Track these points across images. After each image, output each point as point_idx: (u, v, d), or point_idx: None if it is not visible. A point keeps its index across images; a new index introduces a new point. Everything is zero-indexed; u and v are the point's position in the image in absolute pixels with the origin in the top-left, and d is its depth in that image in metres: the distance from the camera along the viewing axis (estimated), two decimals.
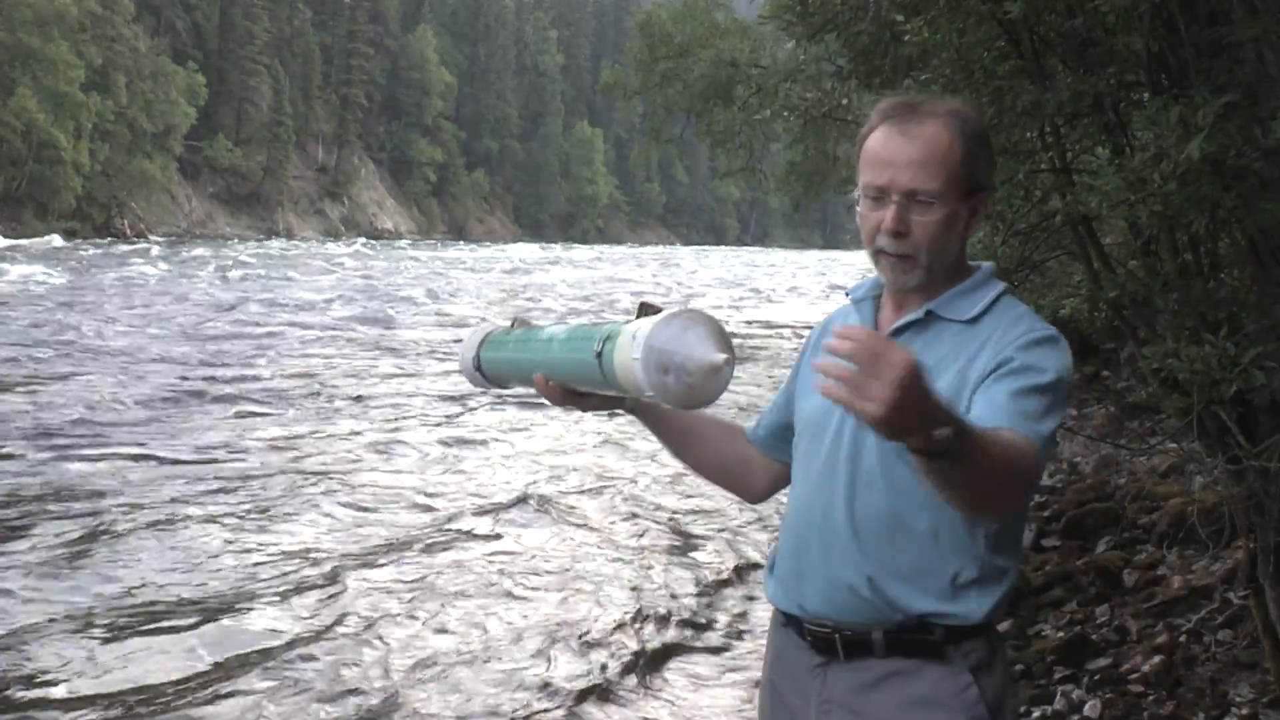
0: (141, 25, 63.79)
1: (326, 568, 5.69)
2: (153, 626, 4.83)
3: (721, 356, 1.44)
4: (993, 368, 1.56)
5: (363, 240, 67.54)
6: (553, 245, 76.14)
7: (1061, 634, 4.38)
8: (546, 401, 1.79)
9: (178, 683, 4.26)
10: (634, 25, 16.07)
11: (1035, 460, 1.47)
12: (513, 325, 1.92)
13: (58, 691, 4.14)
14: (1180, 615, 4.24)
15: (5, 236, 42.25)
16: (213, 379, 12.04)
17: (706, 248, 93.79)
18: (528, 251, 55.87)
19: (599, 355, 1.55)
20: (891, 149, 1.60)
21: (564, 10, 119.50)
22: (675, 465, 7.84)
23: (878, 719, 1.63)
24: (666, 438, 1.92)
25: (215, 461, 8.05)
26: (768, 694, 1.81)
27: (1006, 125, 2.97)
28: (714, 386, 1.50)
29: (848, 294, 1.81)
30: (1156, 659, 3.90)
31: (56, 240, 42.55)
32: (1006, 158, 3.21)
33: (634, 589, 5.58)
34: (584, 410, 1.79)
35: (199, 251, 41.81)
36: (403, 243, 71.56)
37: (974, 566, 1.61)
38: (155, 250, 41.27)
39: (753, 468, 1.91)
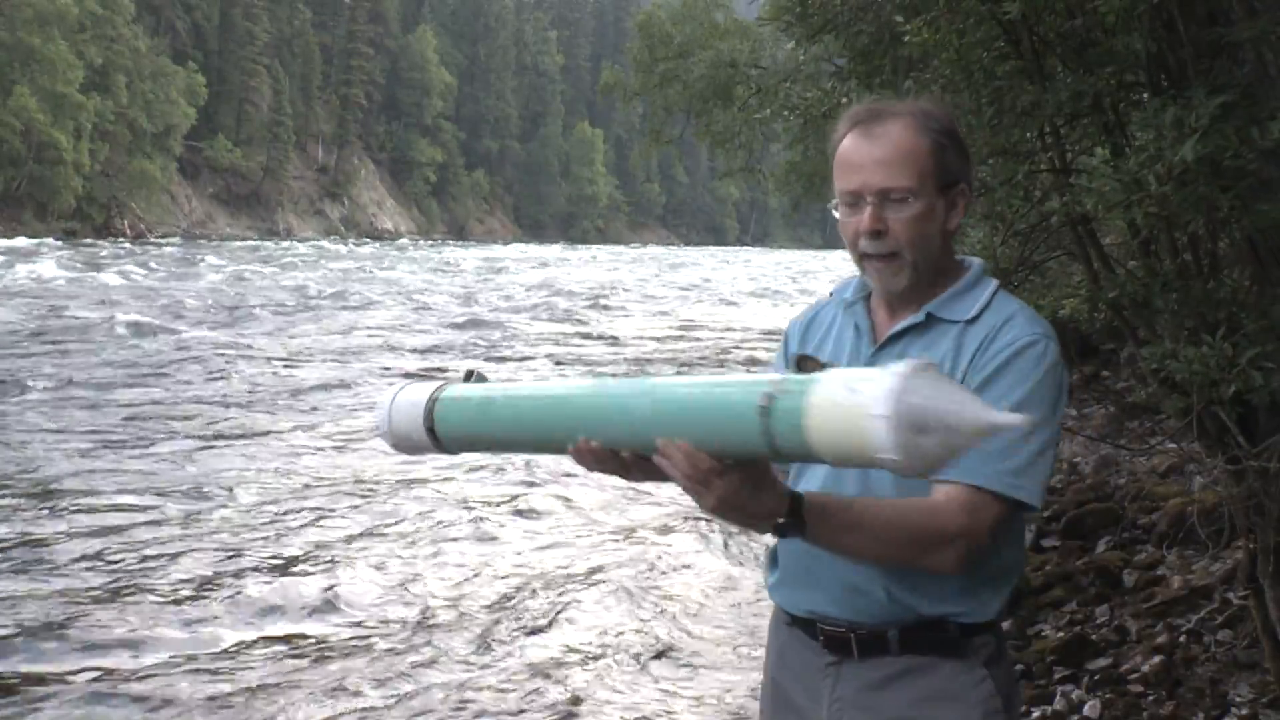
0: (141, 25, 63.82)
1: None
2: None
3: (1011, 419, 1.22)
4: (971, 383, 1.58)
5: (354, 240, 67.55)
6: (553, 245, 76.28)
7: (1061, 634, 4.37)
8: (579, 467, 1.51)
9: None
10: (634, 25, 16.08)
11: (972, 511, 1.51)
12: (469, 378, 1.69)
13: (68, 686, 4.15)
14: (1180, 615, 4.24)
15: (5, 237, 42.23)
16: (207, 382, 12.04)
17: (707, 248, 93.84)
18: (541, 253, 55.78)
19: (765, 410, 1.28)
20: (860, 153, 1.62)
21: (564, 10, 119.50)
22: None
23: (894, 715, 1.64)
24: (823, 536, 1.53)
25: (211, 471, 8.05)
26: (770, 694, 1.81)
27: (1006, 125, 2.97)
28: (963, 452, 1.26)
29: (833, 294, 1.80)
30: (1156, 659, 3.90)
31: (54, 241, 42.54)
32: (1006, 158, 3.21)
33: (636, 590, 5.58)
34: (630, 479, 1.50)
35: (198, 252, 41.81)
36: (403, 242, 71.55)
37: (987, 566, 1.62)
38: (154, 250, 41.27)
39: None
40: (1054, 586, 4.91)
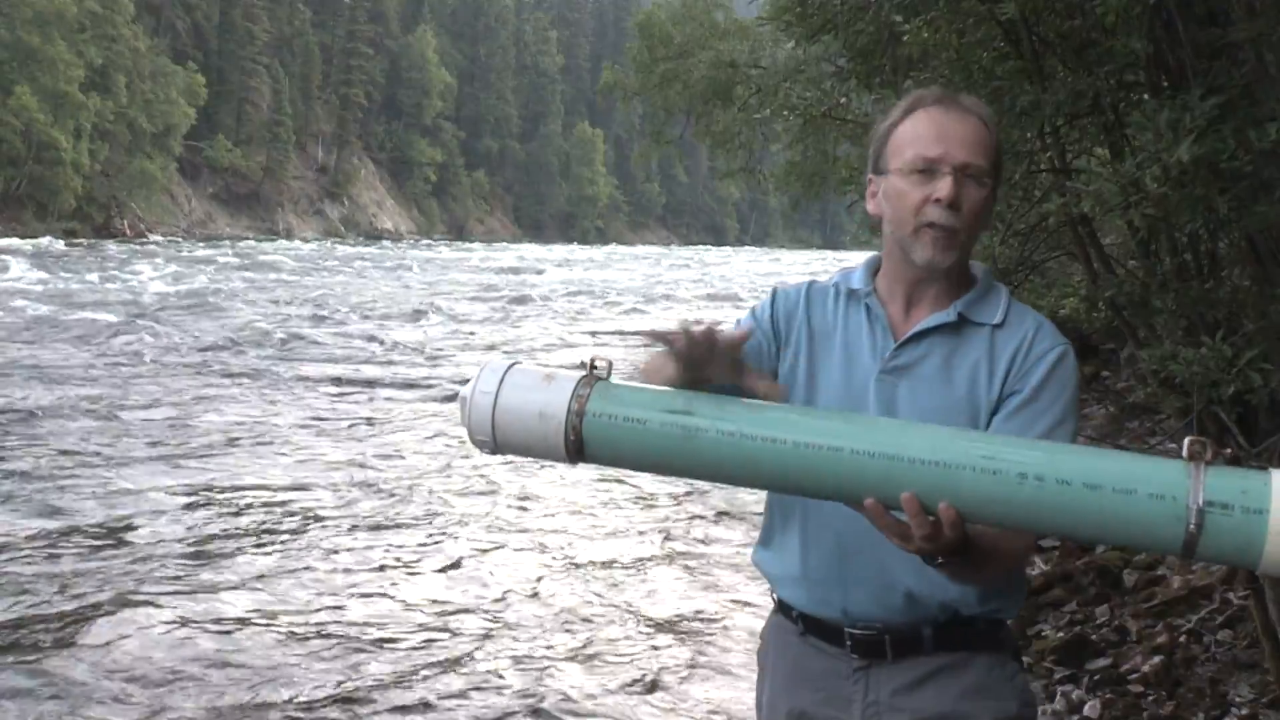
0: (141, 25, 63.83)
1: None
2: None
3: None
4: (1014, 391, 1.60)
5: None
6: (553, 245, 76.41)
7: (1061, 634, 4.38)
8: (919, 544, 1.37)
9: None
10: (634, 25, 16.09)
11: None
12: (594, 369, 1.44)
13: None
14: (1180, 615, 4.24)
15: (5, 237, 42.25)
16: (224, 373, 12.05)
17: (707, 247, 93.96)
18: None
19: (1197, 524, 1.19)
20: (943, 125, 1.60)
21: (564, 10, 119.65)
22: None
23: (933, 713, 1.64)
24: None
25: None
26: (781, 716, 1.75)
27: (1005, 125, 2.97)
28: None
29: (836, 282, 1.74)
30: (1156, 659, 3.90)
31: (55, 241, 42.59)
32: (1005, 158, 3.21)
33: (642, 599, 5.58)
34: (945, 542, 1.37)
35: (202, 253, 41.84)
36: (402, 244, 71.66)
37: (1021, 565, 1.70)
38: (156, 250, 41.31)
39: None
40: (1054, 586, 4.91)
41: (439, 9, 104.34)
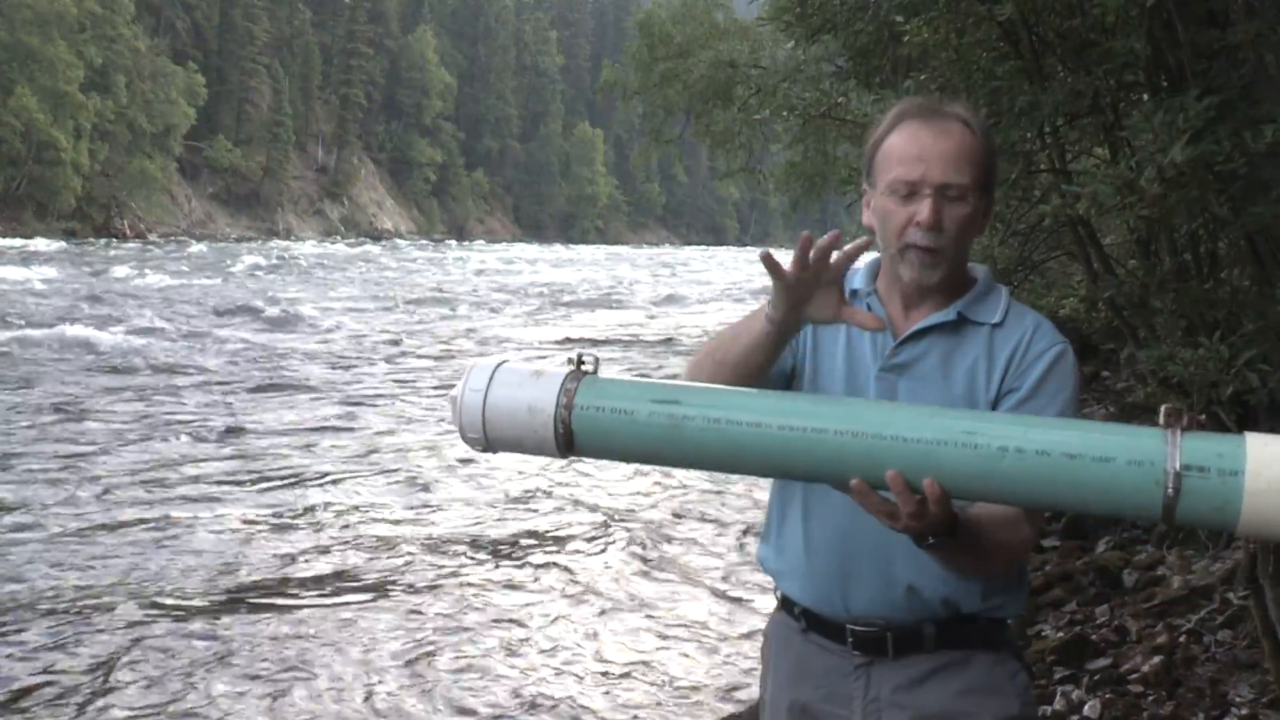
0: (141, 25, 63.87)
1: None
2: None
3: None
4: (1012, 389, 1.61)
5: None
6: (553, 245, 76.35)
7: (1061, 634, 4.37)
8: (891, 516, 1.38)
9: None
10: (634, 25, 16.09)
11: (1034, 520, 1.58)
12: (581, 364, 1.46)
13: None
14: (1180, 615, 4.23)
15: (5, 237, 42.25)
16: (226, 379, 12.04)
17: (708, 248, 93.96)
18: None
19: (1175, 488, 1.20)
20: (922, 143, 1.60)
21: (564, 10, 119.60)
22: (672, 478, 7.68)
23: (934, 711, 1.64)
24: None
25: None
26: (783, 710, 1.76)
27: (1004, 126, 2.97)
28: None
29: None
30: (1156, 659, 3.90)
31: (56, 241, 42.60)
32: (1004, 158, 3.20)
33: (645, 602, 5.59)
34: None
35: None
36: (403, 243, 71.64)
37: (1021, 563, 1.69)
38: (154, 250, 41.31)
39: None
40: (1054, 586, 4.91)
41: (439, 9, 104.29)
